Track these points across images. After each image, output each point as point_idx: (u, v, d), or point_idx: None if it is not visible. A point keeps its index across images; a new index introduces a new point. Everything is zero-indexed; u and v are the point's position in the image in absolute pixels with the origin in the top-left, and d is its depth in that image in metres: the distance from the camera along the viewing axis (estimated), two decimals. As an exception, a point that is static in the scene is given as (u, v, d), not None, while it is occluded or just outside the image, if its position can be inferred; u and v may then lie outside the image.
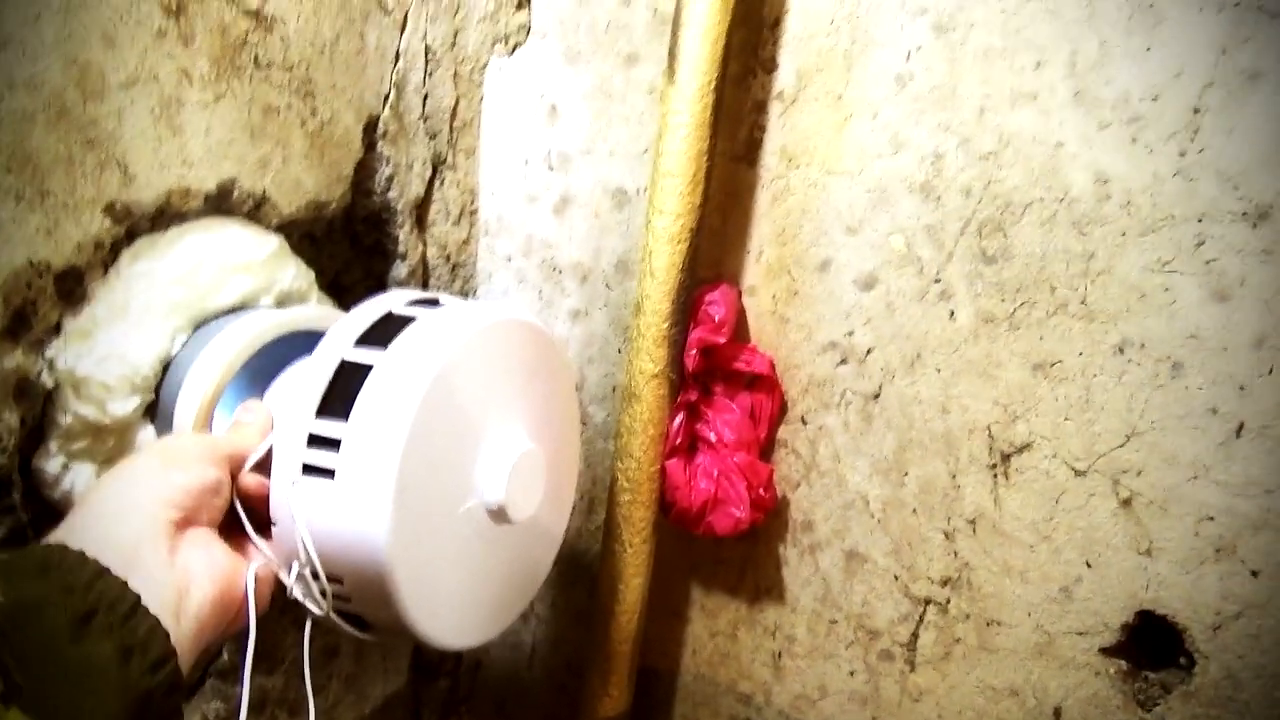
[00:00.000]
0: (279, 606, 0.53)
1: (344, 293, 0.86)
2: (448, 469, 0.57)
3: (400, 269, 0.88)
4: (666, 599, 0.92)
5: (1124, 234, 0.66)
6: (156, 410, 0.68)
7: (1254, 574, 0.67)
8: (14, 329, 0.58)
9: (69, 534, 0.43)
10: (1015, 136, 0.69)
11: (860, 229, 0.76)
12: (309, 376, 0.55)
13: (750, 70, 0.78)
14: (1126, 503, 0.70)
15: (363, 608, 0.54)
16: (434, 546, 0.56)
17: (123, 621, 0.40)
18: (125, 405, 0.65)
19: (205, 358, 0.66)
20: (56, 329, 0.61)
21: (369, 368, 0.54)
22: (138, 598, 0.41)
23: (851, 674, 0.85)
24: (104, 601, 0.40)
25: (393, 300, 0.60)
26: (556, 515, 0.70)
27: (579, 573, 0.97)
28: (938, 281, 0.74)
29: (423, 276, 0.91)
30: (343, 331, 0.57)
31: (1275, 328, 0.63)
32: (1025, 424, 0.73)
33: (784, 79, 0.77)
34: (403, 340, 0.56)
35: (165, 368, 0.67)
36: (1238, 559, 0.67)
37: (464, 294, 0.95)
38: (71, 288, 0.61)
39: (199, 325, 0.69)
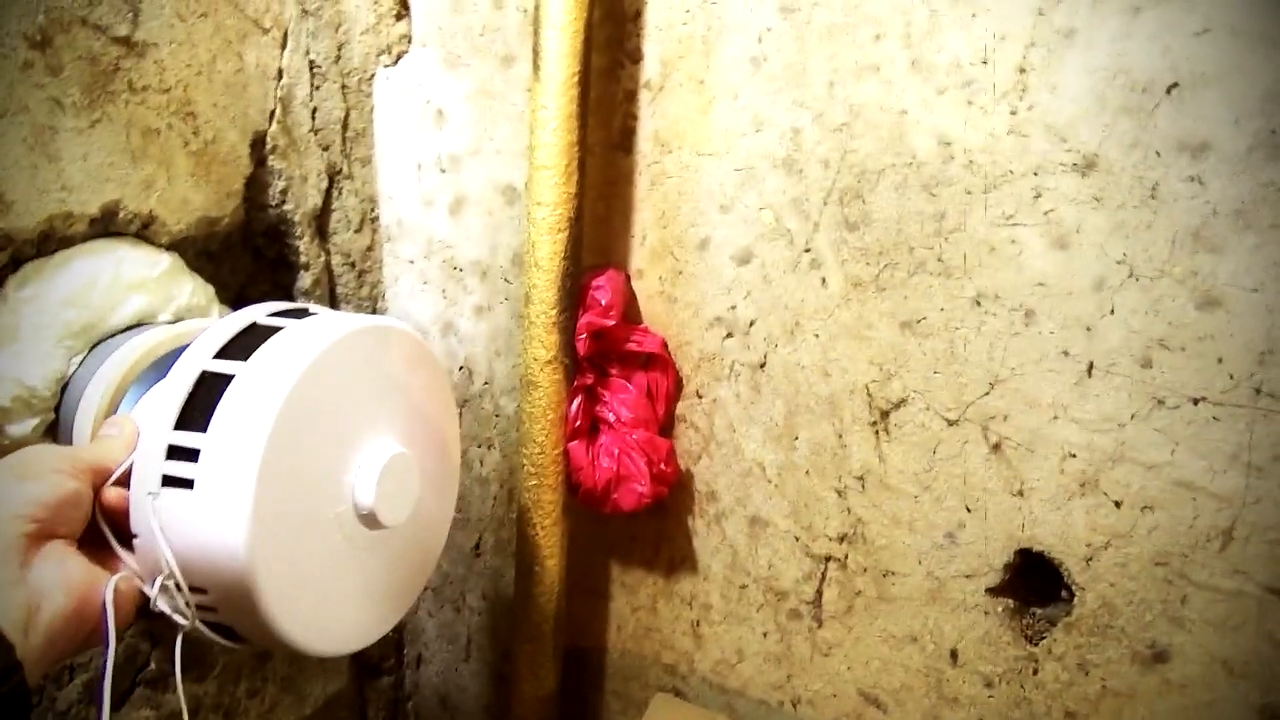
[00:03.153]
0: (143, 619, 0.53)
1: (251, 305, 0.88)
2: (314, 475, 0.56)
3: (304, 279, 0.91)
4: (587, 580, 0.95)
5: (969, 192, 0.70)
6: (58, 429, 0.70)
7: (1116, 505, 0.71)
8: (-100, 358, 0.60)
9: None
10: (863, 107, 0.72)
11: (733, 206, 0.79)
12: (169, 389, 0.55)
13: (618, 62, 0.81)
14: (996, 447, 0.74)
15: (230, 617, 0.54)
16: (301, 553, 0.56)
17: None
18: (23, 426, 0.68)
19: (100, 375, 0.69)
20: (-54, 356, 0.63)
21: (230, 378, 0.54)
22: None
23: (765, 635, 0.88)
24: None
25: (256, 312, 0.60)
26: (434, 519, 0.70)
27: (506, 561, 1.00)
28: (808, 251, 0.77)
29: (328, 285, 0.93)
30: (204, 343, 0.57)
31: (1111, 270, 0.67)
32: (899, 381, 0.76)
33: (650, 68, 0.80)
34: (265, 350, 0.56)
35: (64, 388, 0.70)
36: (1100, 492, 0.71)
37: (372, 299, 0.97)
38: (-43, 315, 0.63)
39: (96, 344, 0.72)
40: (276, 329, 0.58)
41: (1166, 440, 0.68)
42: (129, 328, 0.73)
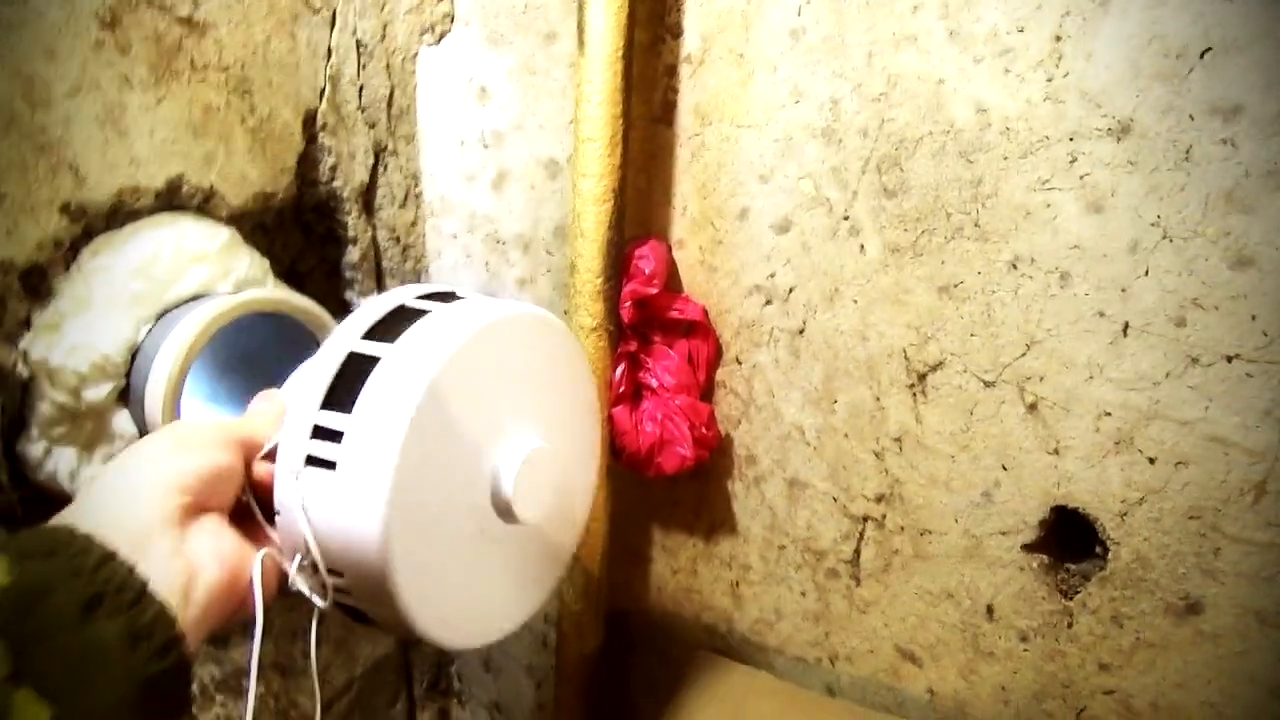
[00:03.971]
0: (285, 595, 0.53)
1: (300, 279, 0.91)
2: (453, 464, 0.55)
3: (352, 253, 0.94)
4: (629, 544, 0.98)
5: (1006, 158, 0.72)
6: (129, 394, 0.73)
7: (1151, 461, 0.73)
8: (-14, 324, 0.63)
9: (77, 516, 0.43)
10: (901, 77, 0.74)
11: (772, 176, 0.81)
12: (316, 368, 0.54)
13: (659, 37, 0.83)
14: (1033, 407, 0.76)
15: (363, 601, 0.53)
16: (437, 543, 0.55)
17: (130, 606, 0.40)
18: (98, 391, 0.71)
19: (169, 342, 0.72)
20: (26, 323, 0.66)
21: (376, 360, 0.53)
22: (145, 582, 0.41)
23: (803, 594, 0.91)
24: (111, 585, 0.40)
25: (405, 294, 0.60)
26: (570, 515, 0.68)
27: (548, 527, 1.03)
28: (846, 219, 0.79)
29: (374, 259, 0.96)
30: (352, 324, 0.56)
31: (1145, 232, 0.68)
32: (937, 344, 0.78)
33: (690, 42, 0.82)
34: (412, 333, 0.55)
35: (134, 355, 0.73)
36: (1135, 449, 0.73)
37: (416, 273, 1.00)
38: (36, 284, 0.66)
39: (162, 314, 0.75)
40: (424, 312, 0.57)
41: (1200, 397, 0.70)
42: (192, 298, 0.76)
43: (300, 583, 0.51)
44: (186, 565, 0.44)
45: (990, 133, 0.72)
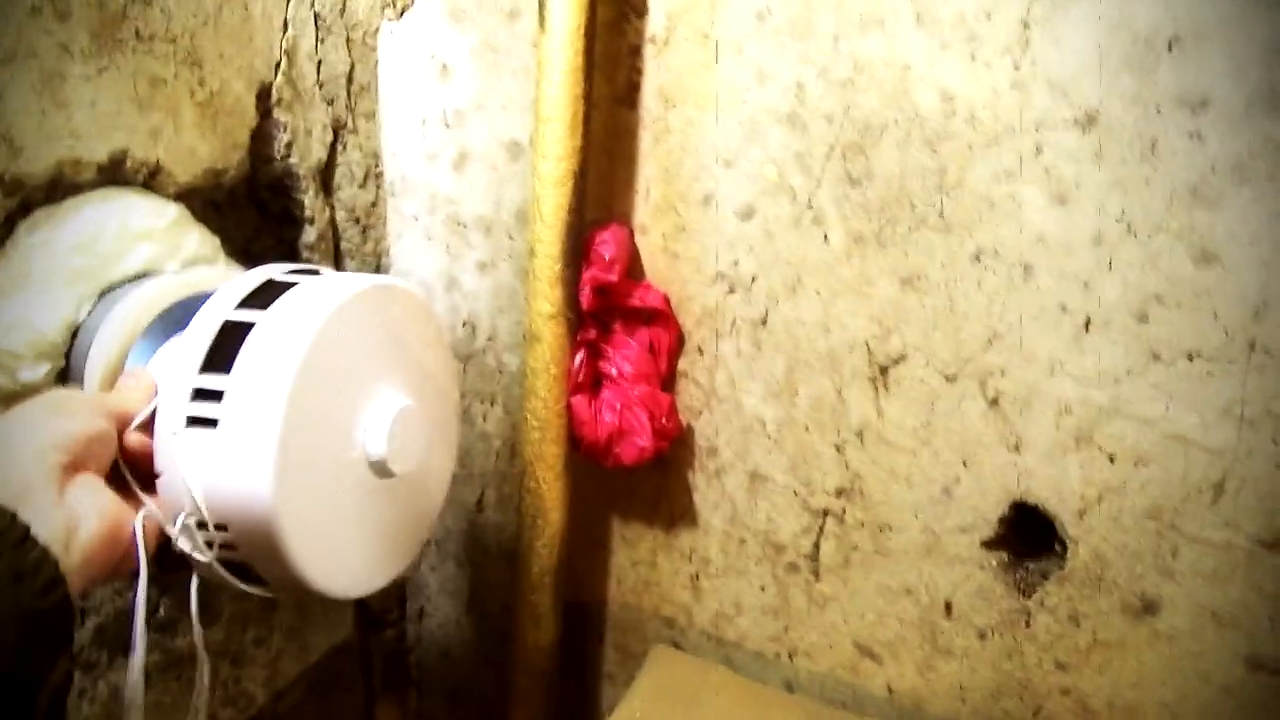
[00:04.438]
0: (163, 557, 0.55)
1: (255, 260, 0.88)
2: (329, 422, 0.59)
3: (309, 233, 0.91)
4: (588, 534, 0.97)
5: (971, 147, 0.70)
6: (68, 375, 0.71)
7: (1111, 459, 0.72)
8: (-87, 299, 0.61)
9: None
10: (868, 62, 0.73)
11: (736, 162, 0.80)
12: (193, 335, 0.57)
13: (624, 15, 0.81)
14: (994, 402, 0.75)
15: (249, 555, 0.56)
16: (318, 496, 0.58)
17: (12, 547, 0.42)
18: (35, 372, 0.69)
19: (110, 322, 0.70)
20: (-42, 299, 0.64)
21: (250, 326, 0.57)
22: (27, 527, 0.43)
23: (763, 588, 0.90)
24: None
25: (272, 270, 0.63)
26: (438, 469, 0.73)
27: (508, 516, 1.01)
28: (810, 207, 0.78)
29: (333, 240, 0.94)
30: (224, 296, 0.60)
31: (1109, 225, 0.67)
32: (899, 336, 0.77)
33: (655, 22, 0.80)
34: (284, 301, 0.58)
35: (74, 334, 0.71)
36: (1095, 446, 0.72)
37: (375, 255, 0.98)
38: (-32, 259, 0.64)
39: (105, 292, 0.72)
40: (292, 284, 0.61)
41: (1161, 395, 0.69)
42: (136, 276, 0.74)
43: (184, 541, 0.54)
44: (67, 515, 0.46)
45: (956, 121, 0.70)
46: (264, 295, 0.60)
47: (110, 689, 0.77)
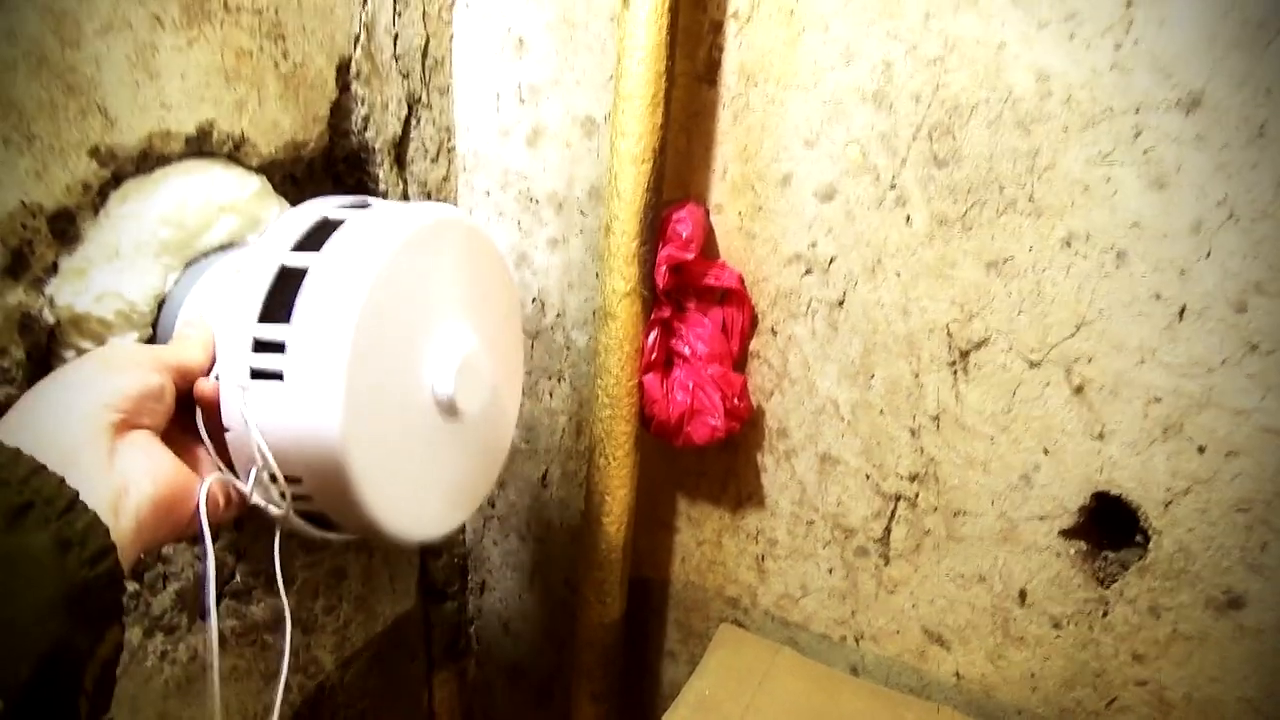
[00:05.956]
0: (243, 518, 0.54)
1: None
2: (395, 365, 0.58)
3: (383, 207, 0.91)
4: (655, 512, 0.97)
5: (1066, 129, 0.69)
6: (155, 344, 0.72)
7: (1200, 450, 0.70)
8: (13, 268, 0.62)
9: (4, 433, 0.42)
10: (960, 40, 0.71)
11: (818, 141, 0.78)
12: (248, 284, 0.56)
13: (706, -8, 0.80)
14: (1079, 390, 0.73)
15: (323, 504, 0.55)
16: (387, 440, 0.57)
17: (60, 515, 0.40)
18: (123, 340, 0.70)
19: (196, 292, 0.70)
20: (54, 268, 0.65)
21: (304, 271, 0.55)
22: (75, 493, 0.41)
23: (830, 571, 0.89)
24: (41, 496, 0.40)
25: (325, 205, 0.61)
26: (504, 410, 0.72)
27: (572, 493, 1.02)
28: (893, 188, 0.76)
29: (405, 214, 0.94)
30: (278, 238, 0.58)
31: (1210, 211, 0.65)
32: (981, 321, 0.76)
33: (738, -2, 0.79)
34: (340, 241, 0.56)
35: (160, 304, 0.72)
36: (1185, 437, 0.70)
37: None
38: (64, 228, 0.65)
39: (190, 263, 0.73)
40: (343, 221, 0.59)
41: (1257, 386, 0.67)
42: (220, 248, 0.75)
43: (258, 495, 0.53)
44: (116, 480, 0.44)
45: (1051, 102, 0.69)
46: (319, 235, 0.58)
47: (190, 652, 0.79)
